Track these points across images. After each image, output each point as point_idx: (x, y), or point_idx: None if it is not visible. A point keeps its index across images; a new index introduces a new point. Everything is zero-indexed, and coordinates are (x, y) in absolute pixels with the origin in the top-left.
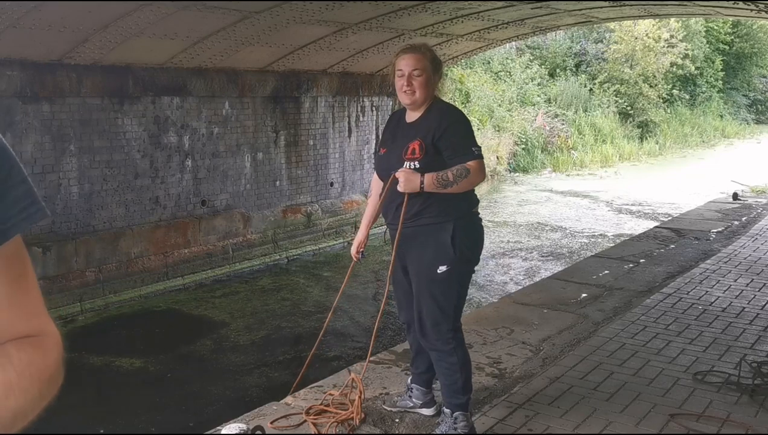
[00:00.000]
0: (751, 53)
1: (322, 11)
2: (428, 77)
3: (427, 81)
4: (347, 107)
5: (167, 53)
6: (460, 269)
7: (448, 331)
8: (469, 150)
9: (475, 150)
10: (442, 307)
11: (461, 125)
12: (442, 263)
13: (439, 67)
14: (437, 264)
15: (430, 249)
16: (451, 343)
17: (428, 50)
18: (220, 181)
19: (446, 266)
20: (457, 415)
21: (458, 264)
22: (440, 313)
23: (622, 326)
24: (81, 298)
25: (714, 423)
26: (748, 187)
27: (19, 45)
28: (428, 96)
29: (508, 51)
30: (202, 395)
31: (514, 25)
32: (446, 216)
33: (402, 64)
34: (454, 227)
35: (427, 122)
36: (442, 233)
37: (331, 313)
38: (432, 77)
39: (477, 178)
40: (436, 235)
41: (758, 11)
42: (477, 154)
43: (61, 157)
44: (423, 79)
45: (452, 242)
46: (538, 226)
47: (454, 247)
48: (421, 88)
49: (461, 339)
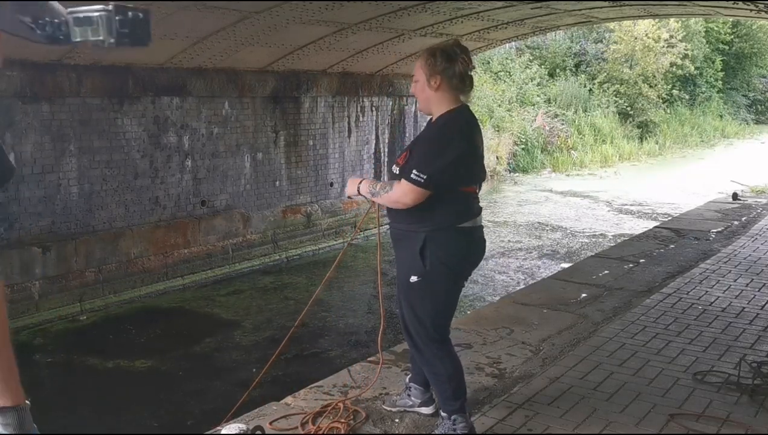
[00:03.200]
0: (750, 53)
1: (322, 11)
2: (423, 84)
3: (422, 87)
4: (347, 107)
5: (167, 53)
6: (432, 281)
7: (430, 341)
8: (410, 171)
9: (415, 174)
10: (418, 316)
11: (425, 146)
12: (413, 273)
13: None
14: (410, 273)
15: (406, 256)
16: (434, 354)
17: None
18: (219, 182)
19: (417, 277)
20: (455, 418)
21: (429, 276)
22: (417, 323)
23: (622, 326)
24: (81, 298)
25: (714, 423)
26: (747, 187)
27: (19, 45)
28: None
29: (507, 51)
30: (203, 394)
31: (513, 25)
32: (418, 225)
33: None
34: (426, 238)
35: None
36: (414, 242)
37: (309, 304)
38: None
39: (396, 197)
40: (410, 242)
41: (758, 11)
42: (413, 179)
43: (61, 157)
44: (418, 86)
45: (421, 253)
46: (538, 226)
47: (423, 259)
48: (419, 94)
49: (448, 350)
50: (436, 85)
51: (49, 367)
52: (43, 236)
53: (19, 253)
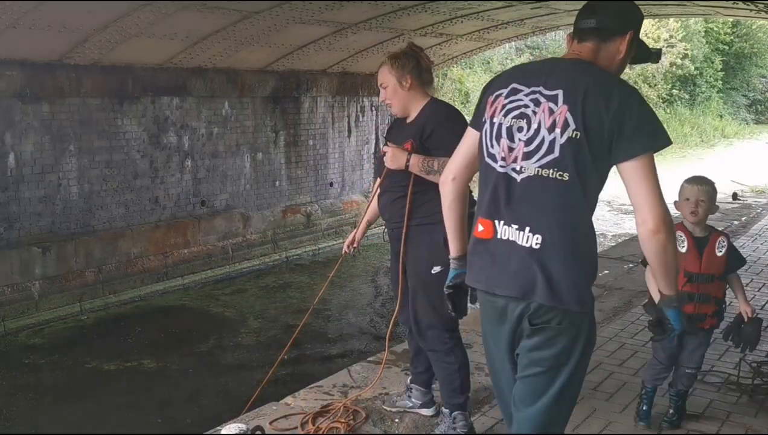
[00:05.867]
0: (750, 53)
1: (322, 11)
2: (394, 86)
3: (394, 90)
4: (347, 107)
5: (167, 53)
6: None
7: (445, 331)
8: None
9: None
10: (437, 308)
11: (448, 122)
12: (436, 263)
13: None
14: (431, 264)
15: (424, 249)
16: (447, 344)
17: (390, 58)
18: (219, 182)
19: (440, 267)
20: (456, 415)
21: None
22: (435, 315)
23: (622, 326)
24: (81, 299)
25: (714, 423)
26: (747, 187)
27: (19, 45)
28: (407, 101)
29: (507, 51)
30: (204, 394)
31: (513, 25)
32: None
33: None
34: None
35: (419, 122)
36: (435, 234)
37: (310, 310)
38: (400, 84)
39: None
40: (429, 235)
41: (758, 11)
42: None
43: (61, 157)
44: (390, 90)
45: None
46: None
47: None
48: (392, 98)
49: (459, 339)
50: (408, 85)
51: (49, 367)
52: (43, 236)
53: (19, 253)
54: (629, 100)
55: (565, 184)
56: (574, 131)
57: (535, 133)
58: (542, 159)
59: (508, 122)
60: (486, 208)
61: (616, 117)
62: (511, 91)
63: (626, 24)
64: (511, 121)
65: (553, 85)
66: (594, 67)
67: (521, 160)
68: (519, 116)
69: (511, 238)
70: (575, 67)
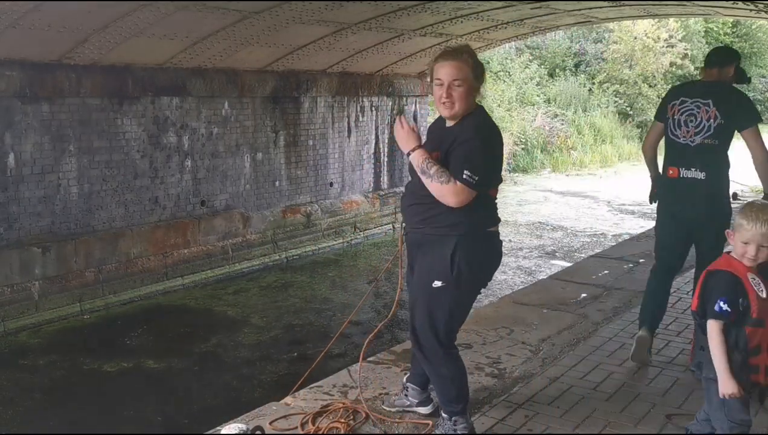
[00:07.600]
0: (750, 53)
1: (322, 11)
2: (469, 87)
3: (467, 92)
4: (347, 107)
5: (167, 53)
6: (457, 287)
7: (439, 345)
8: (461, 171)
9: (468, 175)
10: (433, 320)
11: (472, 144)
12: (437, 278)
13: (482, 72)
14: (433, 277)
15: (430, 260)
16: (440, 357)
17: (470, 55)
18: (219, 182)
19: (441, 282)
20: (456, 418)
21: (455, 282)
22: (430, 327)
23: (621, 326)
24: (81, 299)
25: None
26: (747, 187)
27: (19, 45)
28: (469, 107)
29: (507, 51)
30: (207, 393)
31: (513, 25)
32: (450, 229)
33: (441, 73)
34: (456, 243)
35: (454, 132)
36: (444, 248)
37: (357, 308)
38: (474, 86)
39: (447, 193)
40: (438, 247)
41: (758, 11)
42: (466, 180)
43: (61, 158)
44: (463, 91)
45: (451, 259)
46: (538, 226)
47: (452, 265)
48: (461, 99)
49: (455, 355)
50: (480, 86)
51: (49, 367)
52: (43, 236)
53: (18, 253)
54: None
55: (715, 147)
56: (719, 120)
57: (699, 121)
58: (704, 135)
59: (683, 118)
60: (672, 161)
61: (736, 108)
62: (681, 102)
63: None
64: (684, 117)
65: (705, 96)
66: (722, 85)
67: (693, 136)
68: (689, 114)
69: (689, 176)
70: (714, 86)
